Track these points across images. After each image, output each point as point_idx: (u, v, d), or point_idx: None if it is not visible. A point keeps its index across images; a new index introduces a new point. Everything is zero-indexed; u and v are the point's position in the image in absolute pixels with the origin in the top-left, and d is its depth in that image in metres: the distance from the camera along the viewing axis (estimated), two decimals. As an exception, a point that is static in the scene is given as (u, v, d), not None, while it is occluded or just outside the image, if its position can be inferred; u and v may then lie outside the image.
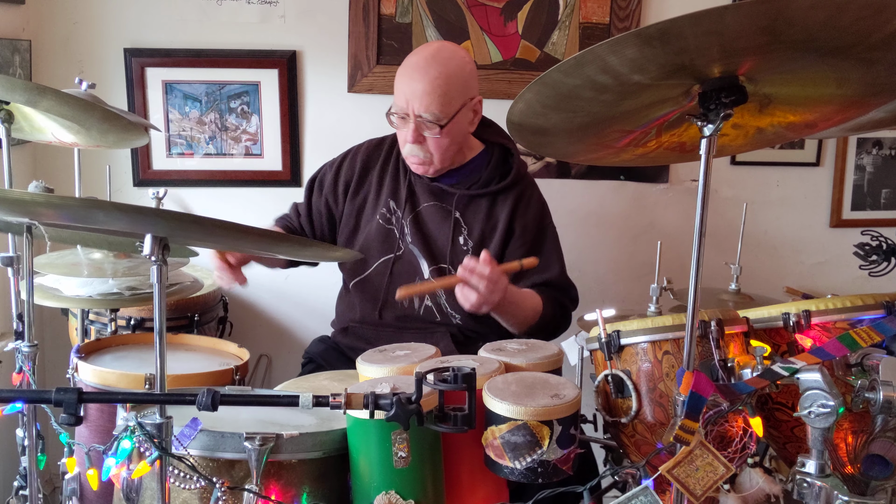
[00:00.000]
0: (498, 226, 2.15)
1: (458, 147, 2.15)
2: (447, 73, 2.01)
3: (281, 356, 2.89)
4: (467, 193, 2.17)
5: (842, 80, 1.23)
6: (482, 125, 2.23)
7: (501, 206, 2.16)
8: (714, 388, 1.30)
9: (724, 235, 2.70)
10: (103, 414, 1.81)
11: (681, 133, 1.47)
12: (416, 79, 2.01)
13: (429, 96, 1.99)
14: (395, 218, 2.20)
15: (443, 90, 2.00)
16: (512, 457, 1.35)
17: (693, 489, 1.28)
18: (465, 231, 2.16)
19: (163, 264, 1.22)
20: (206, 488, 1.34)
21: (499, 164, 2.22)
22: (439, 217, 2.18)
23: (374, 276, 2.20)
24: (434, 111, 2.00)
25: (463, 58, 2.09)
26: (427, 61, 2.03)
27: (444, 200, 2.18)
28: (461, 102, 2.05)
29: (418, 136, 2.05)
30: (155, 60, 2.71)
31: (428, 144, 2.07)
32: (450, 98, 2.01)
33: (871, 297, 1.62)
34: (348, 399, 1.18)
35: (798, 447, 1.61)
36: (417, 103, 2.01)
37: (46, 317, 2.70)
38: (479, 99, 2.13)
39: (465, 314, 2.11)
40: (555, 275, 2.17)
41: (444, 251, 2.15)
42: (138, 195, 2.77)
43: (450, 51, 2.09)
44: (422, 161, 2.10)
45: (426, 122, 2.02)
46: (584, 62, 1.15)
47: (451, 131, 2.06)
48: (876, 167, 3.11)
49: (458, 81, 2.04)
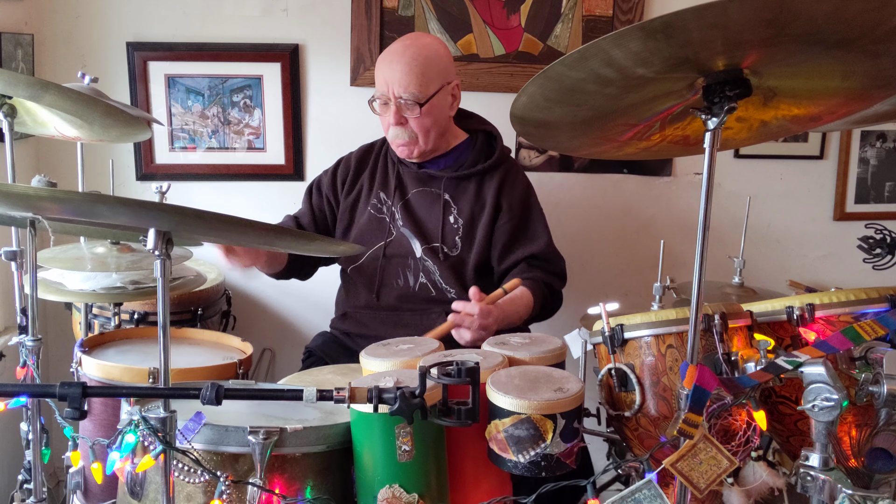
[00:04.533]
0: (486, 203, 2.23)
1: (441, 131, 2.22)
2: (423, 55, 2.11)
3: (284, 350, 2.90)
4: (454, 175, 2.25)
5: (847, 73, 1.23)
6: (464, 117, 2.33)
7: (488, 184, 2.24)
8: (718, 381, 1.30)
9: (728, 229, 2.70)
10: (107, 408, 1.82)
11: (685, 126, 1.46)
12: (394, 61, 2.11)
13: (406, 77, 2.09)
14: (385, 207, 2.29)
15: (420, 70, 2.09)
16: (515, 450, 1.35)
17: (697, 483, 1.28)
18: (454, 211, 2.24)
19: (166, 258, 1.22)
20: (210, 482, 1.35)
21: (483, 146, 2.30)
22: (429, 201, 2.26)
23: (369, 261, 2.27)
24: (413, 91, 2.09)
25: (438, 44, 2.20)
26: (404, 46, 2.14)
27: (431, 185, 2.27)
28: (439, 84, 2.14)
29: (400, 117, 2.13)
30: (157, 54, 2.70)
31: (411, 125, 2.15)
32: (428, 79, 2.10)
33: (875, 290, 1.62)
34: (352, 393, 1.18)
35: (802, 441, 1.61)
36: (396, 84, 2.10)
37: (50, 311, 2.70)
38: (457, 84, 2.21)
39: (459, 288, 2.19)
40: (541, 247, 2.24)
41: (435, 231, 2.23)
42: (141, 189, 2.77)
43: (426, 38, 2.22)
44: (406, 143, 2.18)
45: (407, 104, 2.11)
46: (588, 55, 1.14)
47: (431, 112, 2.14)
48: (880, 160, 3.10)
49: (435, 63, 2.13)
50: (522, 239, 2.23)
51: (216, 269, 2.61)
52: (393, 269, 2.25)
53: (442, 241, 2.22)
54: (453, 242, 2.22)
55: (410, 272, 2.24)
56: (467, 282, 2.19)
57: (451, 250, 2.22)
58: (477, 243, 2.21)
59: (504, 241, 2.22)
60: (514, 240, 2.23)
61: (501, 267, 2.23)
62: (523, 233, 2.24)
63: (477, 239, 2.21)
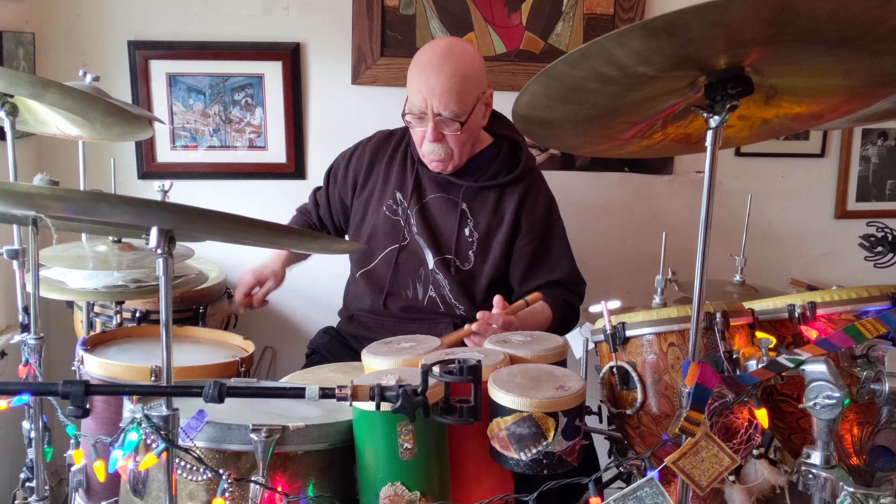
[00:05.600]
0: (505, 218, 2.15)
1: (475, 141, 2.16)
2: (462, 70, 2.01)
3: (286, 348, 2.90)
4: (475, 185, 2.17)
5: (848, 71, 1.23)
6: (491, 118, 2.22)
7: (509, 198, 2.16)
8: (719, 379, 1.30)
9: (729, 227, 2.70)
10: (109, 406, 1.82)
11: (686, 125, 1.46)
12: (432, 77, 2.00)
13: (447, 94, 1.99)
14: (401, 209, 2.21)
15: (460, 87, 2.00)
16: (517, 448, 1.36)
17: (698, 480, 1.28)
18: (471, 223, 2.16)
19: (169, 257, 1.23)
20: (212, 480, 1.35)
21: (507, 156, 2.22)
22: (446, 208, 2.18)
23: (380, 267, 2.21)
24: (453, 108, 2.00)
25: (473, 52, 2.10)
26: (441, 59, 2.01)
27: (450, 192, 2.19)
28: (476, 97, 2.06)
29: (438, 134, 2.04)
30: (159, 53, 2.70)
31: (448, 142, 2.07)
32: (466, 94, 2.01)
33: (876, 288, 1.62)
34: (354, 391, 1.18)
35: (803, 438, 1.61)
36: (436, 101, 2.00)
37: (52, 309, 2.70)
38: (490, 92, 2.14)
39: (468, 305, 2.13)
40: (564, 273, 2.18)
41: (449, 242, 2.16)
42: (142, 188, 2.77)
43: (460, 47, 2.09)
44: (441, 158, 2.10)
45: (446, 120, 2.02)
46: (590, 54, 1.14)
47: (468, 127, 2.06)
48: (881, 158, 3.10)
49: (473, 76, 2.04)
50: (545, 263, 2.16)
51: (217, 268, 2.61)
52: (403, 279, 2.19)
53: (455, 253, 2.16)
54: (466, 256, 2.16)
55: (420, 283, 2.18)
56: (478, 298, 2.15)
57: (463, 264, 2.16)
58: (491, 259, 2.15)
59: (525, 264, 2.16)
60: (535, 263, 2.16)
61: (522, 289, 2.16)
62: (545, 256, 2.17)
63: (491, 255, 2.16)
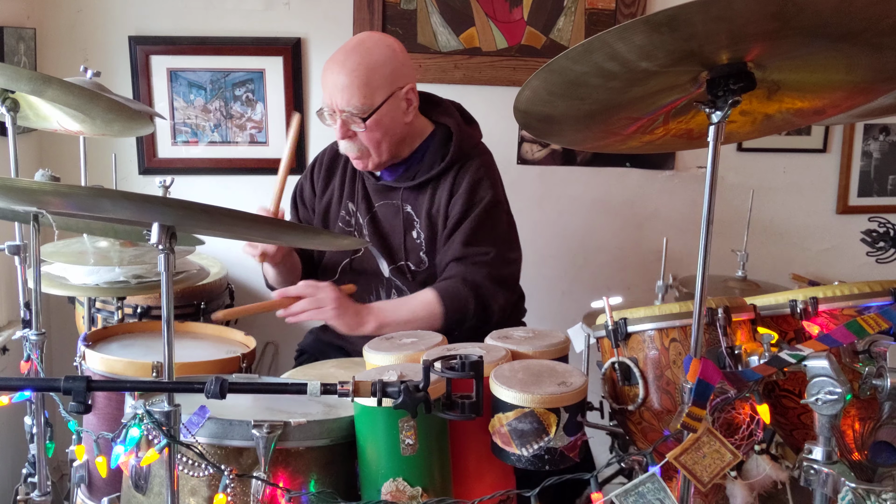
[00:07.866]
0: (441, 210, 2.05)
1: (397, 139, 2.04)
2: (367, 64, 1.93)
3: (287, 344, 2.89)
4: (411, 184, 2.08)
5: (851, 67, 1.23)
6: (430, 104, 2.15)
7: (442, 189, 2.06)
8: (721, 375, 1.30)
9: (731, 222, 2.69)
10: (111, 402, 1.82)
11: (688, 120, 1.46)
12: (335, 72, 1.94)
13: (348, 89, 1.92)
14: (353, 220, 2.17)
15: (362, 81, 1.92)
16: (519, 444, 1.36)
17: (700, 476, 1.28)
18: (417, 224, 2.08)
19: (170, 253, 1.23)
20: (214, 476, 1.35)
21: (440, 146, 2.10)
22: (391, 215, 2.12)
23: (340, 278, 2.17)
24: (355, 104, 1.93)
25: (388, 46, 2.00)
26: (346, 54, 1.96)
27: (392, 197, 2.12)
28: (387, 92, 1.96)
29: (346, 130, 1.97)
30: (159, 48, 2.70)
31: (360, 139, 1.99)
32: (372, 89, 1.93)
33: (878, 283, 1.62)
34: (356, 387, 1.18)
35: (805, 434, 1.61)
36: (339, 97, 1.93)
37: (53, 305, 2.71)
38: (412, 87, 2.02)
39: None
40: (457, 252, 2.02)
41: (399, 249, 2.10)
42: (143, 183, 2.77)
43: (373, 40, 2.01)
44: (358, 156, 2.04)
45: (351, 117, 1.95)
46: (592, 49, 1.14)
47: (380, 124, 1.96)
48: (883, 153, 3.10)
49: (380, 70, 1.94)
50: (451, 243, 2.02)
51: (219, 264, 2.61)
52: (365, 286, 2.12)
53: (407, 259, 2.09)
54: (419, 259, 2.09)
55: (383, 291, 2.13)
56: None
57: (418, 267, 2.09)
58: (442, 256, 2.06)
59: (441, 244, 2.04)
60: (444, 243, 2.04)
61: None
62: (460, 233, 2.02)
63: (440, 252, 2.06)
